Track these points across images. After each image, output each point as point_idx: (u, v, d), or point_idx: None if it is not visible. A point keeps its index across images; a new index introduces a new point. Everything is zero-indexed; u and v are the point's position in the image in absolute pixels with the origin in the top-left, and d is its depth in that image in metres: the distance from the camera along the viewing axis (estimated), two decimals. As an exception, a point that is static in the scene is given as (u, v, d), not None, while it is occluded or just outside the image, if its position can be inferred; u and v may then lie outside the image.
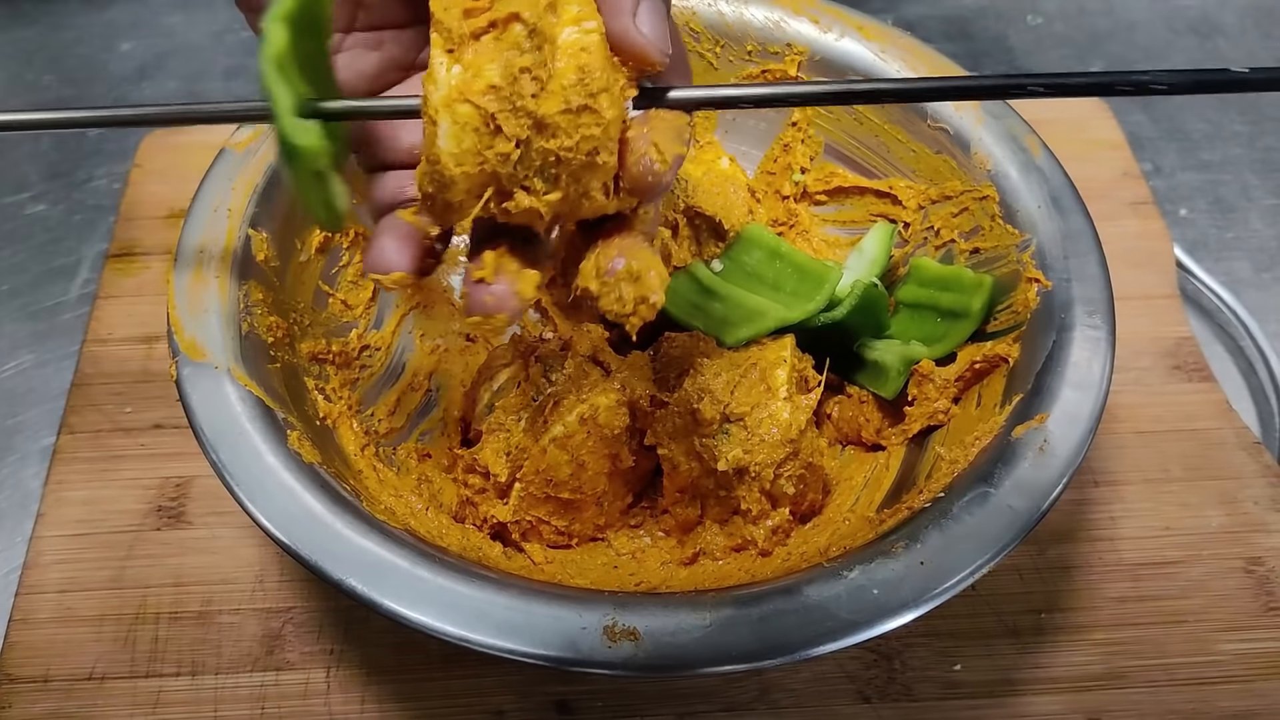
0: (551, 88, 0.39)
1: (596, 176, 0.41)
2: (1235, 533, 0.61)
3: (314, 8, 0.42)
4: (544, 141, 0.40)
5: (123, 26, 0.97)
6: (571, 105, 0.39)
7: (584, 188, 0.41)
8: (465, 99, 0.40)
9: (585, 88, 0.39)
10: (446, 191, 0.41)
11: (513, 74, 0.39)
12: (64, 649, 0.56)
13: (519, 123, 0.40)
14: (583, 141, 0.40)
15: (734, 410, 0.54)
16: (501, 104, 0.40)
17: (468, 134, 0.40)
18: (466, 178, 0.41)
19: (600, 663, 0.41)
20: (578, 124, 0.40)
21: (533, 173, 0.41)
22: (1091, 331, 0.51)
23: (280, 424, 0.49)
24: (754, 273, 0.62)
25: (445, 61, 0.40)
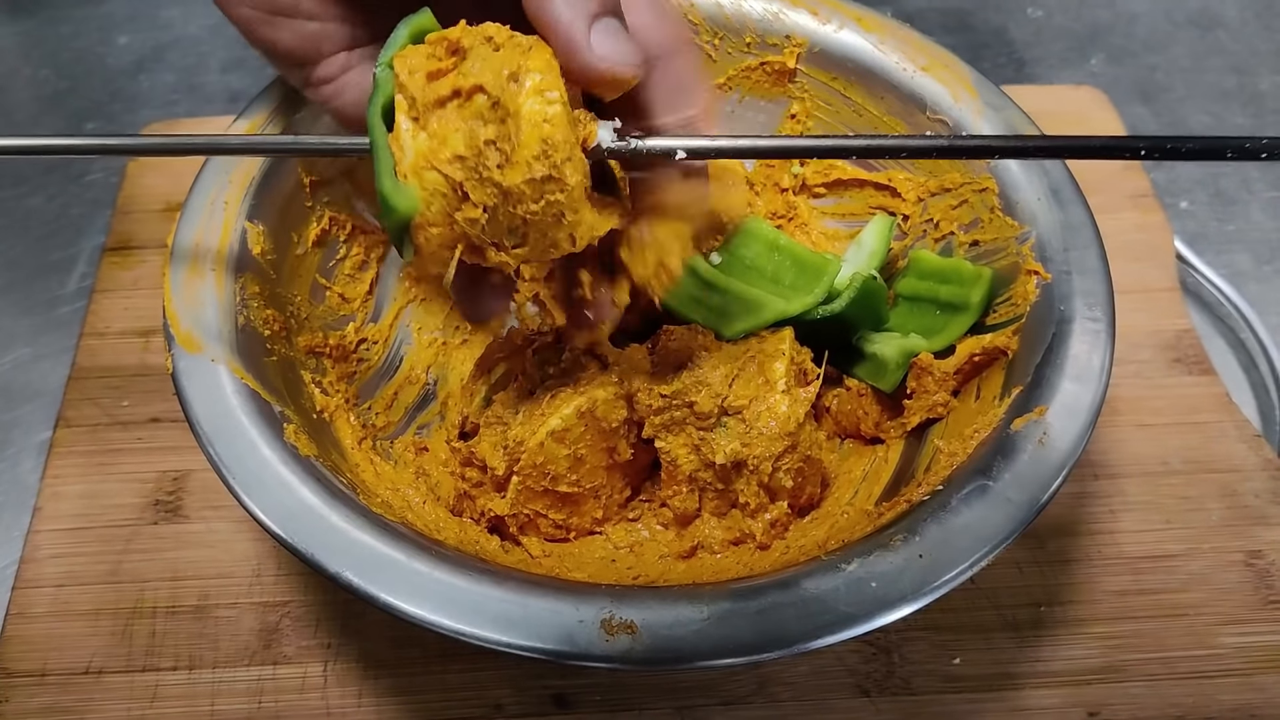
0: (515, 159, 0.40)
1: (562, 231, 0.43)
2: (1235, 526, 0.61)
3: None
4: (510, 208, 0.41)
5: (120, 19, 0.97)
6: (536, 176, 0.40)
7: (551, 241, 0.43)
8: (432, 166, 0.42)
9: (549, 159, 0.40)
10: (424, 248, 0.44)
11: (477, 145, 0.41)
12: (61, 643, 0.56)
13: (485, 191, 0.41)
14: (547, 207, 0.41)
15: (732, 403, 0.54)
16: (468, 173, 0.41)
17: (436, 198, 0.42)
18: (439, 235, 0.43)
19: (598, 656, 0.41)
20: (542, 191, 0.41)
21: (502, 234, 0.43)
22: (1091, 324, 0.51)
23: (277, 417, 0.48)
24: (752, 265, 0.62)
25: (410, 128, 0.42)
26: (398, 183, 0.42)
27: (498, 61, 0.41)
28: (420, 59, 0.43)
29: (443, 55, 0.43)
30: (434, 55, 0.43)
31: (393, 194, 0.42)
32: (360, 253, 0.62)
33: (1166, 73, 0.94)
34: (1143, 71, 0.94)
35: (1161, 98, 0.92)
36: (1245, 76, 0.94)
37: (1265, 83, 0.93)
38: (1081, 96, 0.83)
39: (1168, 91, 0.92)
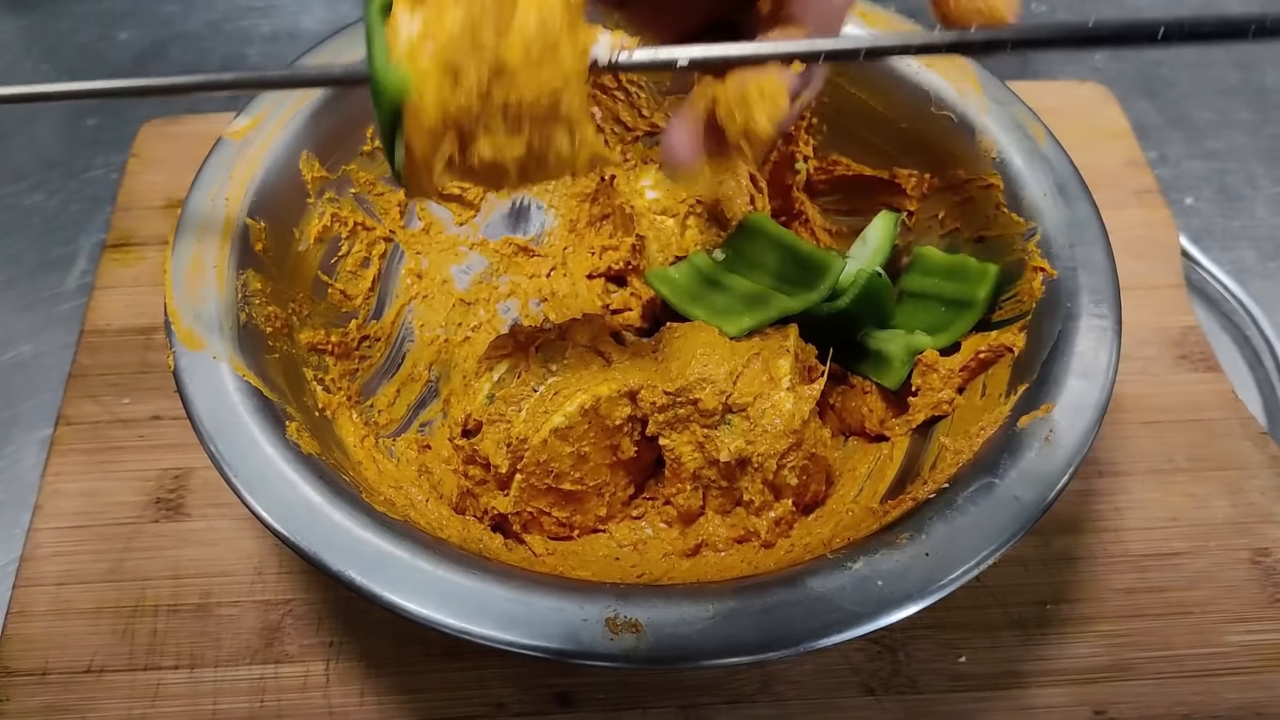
0: (512, 37, 0.40)
1: (561, 129, 0.42)
2: (1241, 523, 0.61)
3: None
4: (506, 93, 0.41)
5: (120, 15, 0.96)
6: (532, 53, 0.40)
7: (549, 139, 0.42)
8: (429, 48, 0.40)
9: (545, 35, 0.40)
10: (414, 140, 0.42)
11: (474, 22, 0.40)
12: (62, 642, 0.56)
13: (480, 67, 0.40)
14: (544, 94, 0.41)
15: (736, 400, 0.53)
16: (462, 50, 0.40)
17: (430, 81, 0.41)
18: (430, 122, 0.41)
19: (602, 655, 0.41)
20: (539, 77, 0.40)
21: (495, 122, 0.42)
22: (1097, 320, 0.51)
23: (279, 415, 0.48)
24: (757, 262, 0.62)
25: (407, 13, 0.41)
26: (390, 64, 0.41)
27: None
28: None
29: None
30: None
31: (384, 73, 0.41)
32: (362, 249, 0.62)
33: (1171, 68, 0.94)
34: (1147, 67, 0.94)
35: (1165, 93, 0.91)
36: (1249, 72, 0.93)
37: (1270, 78, 0.93)
38: (1085, 92, 0.82)
39: (1172, 87, 0.92)
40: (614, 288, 0.69)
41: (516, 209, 0.70)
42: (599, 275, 0.69)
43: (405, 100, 0.41)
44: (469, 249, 0.68)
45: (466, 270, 0.68)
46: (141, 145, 0.78)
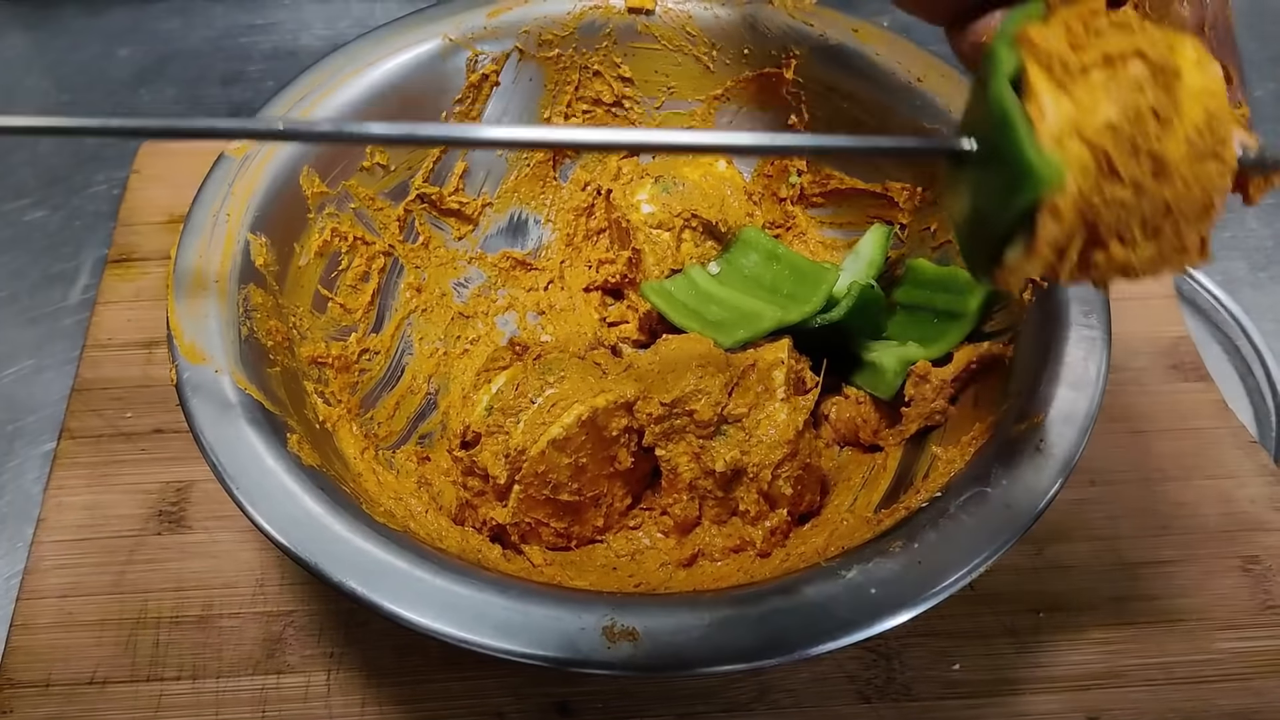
0: (1177, 131, 0.36)
1: (1200, 230, 0.38)
2: (1232, 532, 0.62)
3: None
4: (1160, 188, 0.37)
5: (121, 32, 0.97)
6: (1198, 150, 0.36)
7: (1182, 242, 0.38)
8: (1078, 136, 0.36)
9: (1214, 134, 0.36)
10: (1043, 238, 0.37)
11: (1136, 112, 0.36)
12: (65, 654, 0.56)
13: (1138, 166, 0.36)
14: (1202, 192, 0.37)
15: (732, 411, 0.54)
16: (1119, 144, 0.36)
17: (1077, 173, 0.36)
18: (1067, 223, 0.37)
19: (599, 663, 0.42)
20: (1200, 172, 0.37)
21: (1135, 222, 0.37)
22: (1087, 331, 0.52)
23: (280, 427, 0.49)
24: (751, 275, 0.63)
25: (1052, 94, 0.37)
26: (1041, 150, 0.36)
27: (1147, 34, 0.37)
28: (1055, 29, 0.38)
29: (1078, 27, 0.38)
30: (1068, 25, 0.38)
31: (1038, 162, 0.36)
32: (362, 264, 0.62)
33: (1161, 81, 0.94)
34: (1138, 80, 0.94)
35: (1156, 106, 0.92)
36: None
37: (1260, 90, 0.94)
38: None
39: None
40: (611, 300, 0.70)
41: (514, 223, 0.70)
42: (596, 288, 0.70)
43: (1049, 192, 0.36)
44: (467, 263, 0.69)
45: (465, 284, 0.68)
46: (143, 161, 0.78)
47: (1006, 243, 0.38)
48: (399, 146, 0.62)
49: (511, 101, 0.67)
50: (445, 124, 0.47)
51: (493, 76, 0.66)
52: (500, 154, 0.69)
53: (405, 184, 0.65)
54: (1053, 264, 0.38)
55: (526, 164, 0.69)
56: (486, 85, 0.66)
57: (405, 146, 0.62)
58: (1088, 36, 0.37)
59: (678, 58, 0.67)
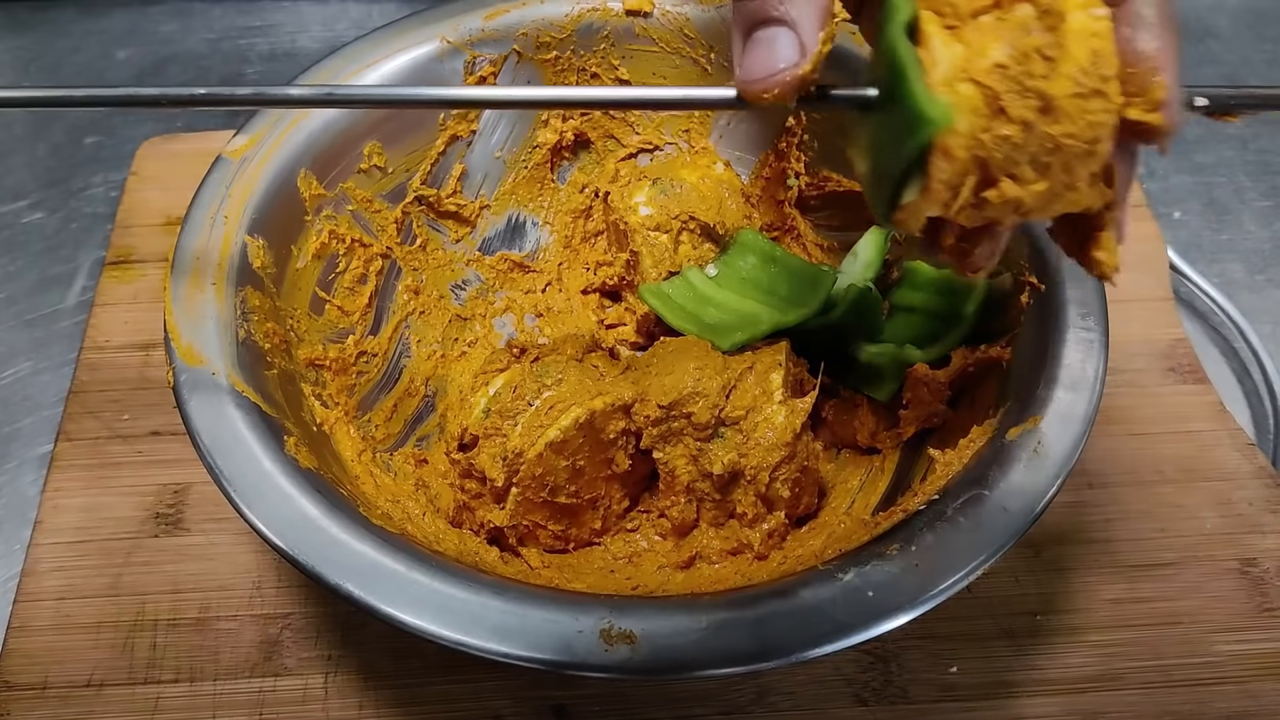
0: (1063, 69, 0.37)
1: (1088, 167, 0.39)
2: (1230, 534, 0.62)
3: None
4: (1048, 126, 0.38)
5: (120, 34, 0.97)
6: (1084, 88, 0.37)
7: (1072, 179, 0.40)
8: (968, 78, 0.38)
9: (1098, 70, 0.38)
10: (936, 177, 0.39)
11: (1023, 51, 0.37)
12: (62, 656, 0.56)
13: (1025, 104, 0.38)
14: (1088, 128, 0.38)
15: (729, 414, 0.54)
16: (1008, 84, 0.38)
17: (966, 114, 0.38)
18: (958, 162, 0.38)
19: (597, 665, 0.42)
20: (1085, 110, 0.38)
21: (1025, 160, 0.39)
22: (1085, 333, 0.52)
23: (277, 429, 0.49)
24: (749, 277, 0.63)
25: (943, 38, 0.38)
26: (930, 93, 0.37)
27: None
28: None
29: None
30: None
31: (926, 103, 0.37)
32: (359, 266, 0.62)
33: (1159, 84, 0.94)
34: (1135, 82, 0.95)
35: (1154, 108, 0.92)
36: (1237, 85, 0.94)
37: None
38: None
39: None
40: (608, 303, 0.70)
41: (512, 226, 0.70)
42: (594, 291, 0.70)
43: (941, 132, 0.38)
44: (465, 265, 0.69)
45: (463, 286, 0.68)
46: (140, 163, 0.78)
47: (904, 184, 0.39)
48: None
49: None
50: (367, 88, 0.45)
51: (490, 79, 0.66)
52: (498, 155, 0.69)
53: (403, 186, 0.65)
54: (948, 203, 0.39)
55: (524, 166, 0.69)
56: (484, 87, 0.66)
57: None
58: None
59: (675, 60, 0.67)
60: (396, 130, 0.64)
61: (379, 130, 0.63)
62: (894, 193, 0.40)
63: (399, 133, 0.64)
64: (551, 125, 0.69)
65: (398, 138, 0.64)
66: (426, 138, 0.65)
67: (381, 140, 0.63)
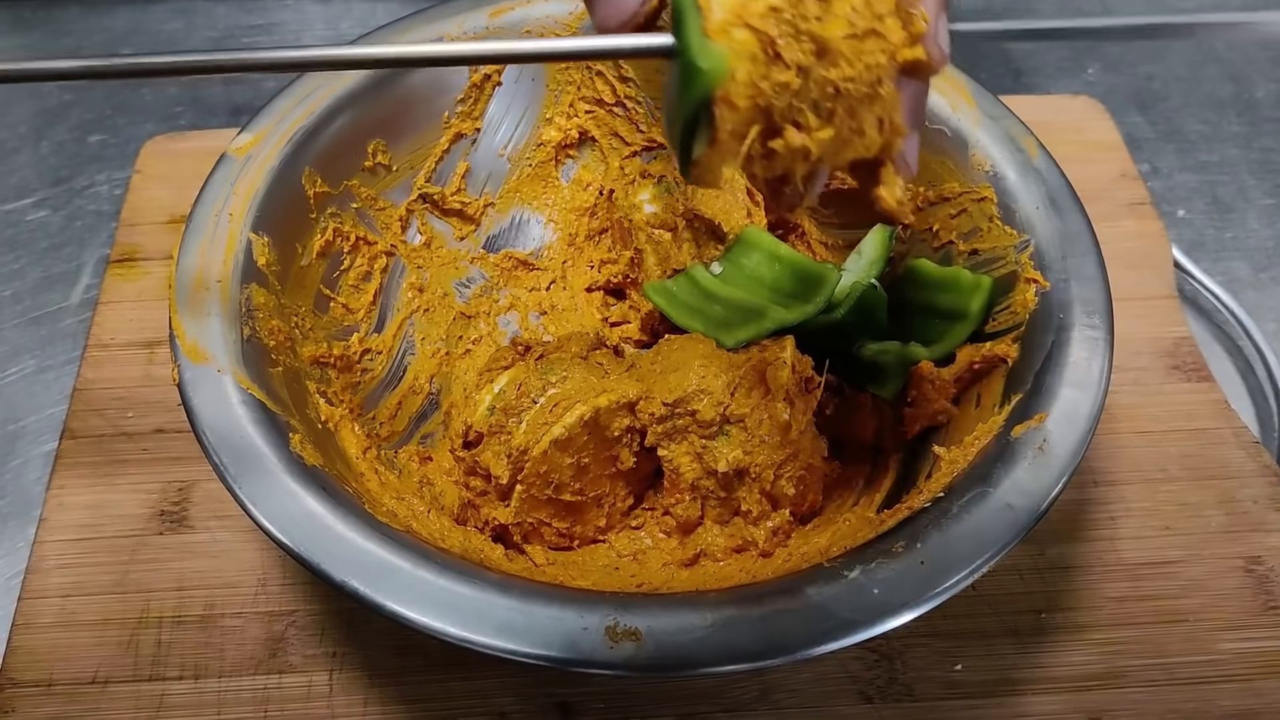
0: (835, 10, 0.37)
1: (873, 110, 0.39)
2: (1234, 532, 0.62)
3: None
4: (825, 70, 0.37)
5: (123, 33, 0.97)
6: (857, 29, 0.37)
7: (858, 124, 0.39)
8: (743, 23, 0.37)
9: (872, 10, 0.37)
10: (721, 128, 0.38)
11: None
12: (67, 653, 0.56)
13: (800, 48, 0.37)
14: (866, 71, 0.38)
15: (734, 412, 0.54)
16: (782, 27, 0.37)
17: (744, 61, 0.37)
18: (741, 110, 0.38)
19: (602, 663, 0.42)
20: (861, 50, 0.37)
21: (807, 106, 0.38)
22: (1090, 331, 0.52)
23: (282, 427, 0.49)
24: (753, 275, 0.63)
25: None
26: (705, 40, 0.37)
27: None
28: None
29: None
30: None
31: (700, 51, 0.37)
32: (364, 264, 0.63)
33: (1163, 81, 0.95)
34: (1139, 81, 0.95)
35: (1158, 106, 0.92)
36: (1240, 85, 0.94)
37: (1261, 90, 0.94)
38: (1078, 106, 0.83)
39: (1164, 100, 0.93)
40: (613, 301, 0.70)
41: (516, 224, 0.70)
42: (598, 288, 0.70)
43: (719, 81, 0.37)
44: (469, 263, 0.69)
45: (467, 284, 0.68)
46: (145, 161, 0.78)
47: (693, 137, 0.39)
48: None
49: (514, 101, 0.68)
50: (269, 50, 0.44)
51: (495, 76, 0.66)
52: (502, 153, 0.69)
53: (407, 184, 0.65)
54: (738, 154, 0.39)
55: (529, 164, 0.69)
56: (489, 85, 0.66)
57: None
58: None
59: (680, 57, 0.67)
60: (401, 128, 0.64)
61: (383, 128, 0.63)
62: (685, 145, 0.39)
63: (403, 130, 0.64)
64: (556, 123, 0.69)
65: (402, 135, 0.64)
66: (431, 135, 0.65)
67: (386, 138, 0.63)
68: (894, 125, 0.40)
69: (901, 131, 0.41)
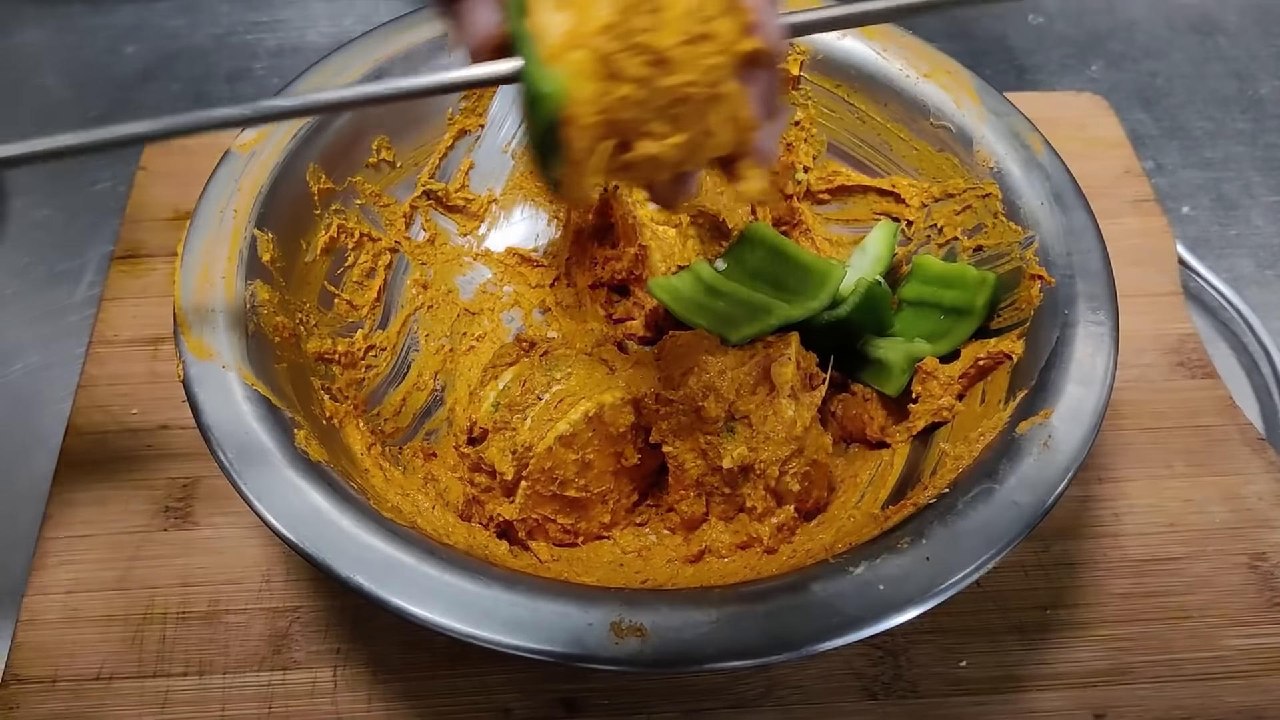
0: (666, 18, 0.37)
1: (720, 111, 0.39)
2: (1239, 528, 0.61)
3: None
4: (665, 78, 0.38)
5: (127, 29, 0.97)
6: (690, 34, 0.38)
7: (707, 125, 0.40)
8: (578, 44, 0.38)
9: (701, 13, 0.38)
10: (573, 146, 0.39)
11: (627, 7, 0.38)
12: (71, 649, 0.56)
13: (637, 61, 0.38)
14: (705, 74, 0.38)
15: (739, 408, 0.54)
16: (617, 43, 0.38)
17: (584, 80, 0.38)
18: (589, 127, 0.38)
19: (607, 659, 0.42)
20: (697, 54, 0.38)
21: (654, 116, 0.39)
22: (1095, 327, 0.52)
23: (287, 423, 0.49)
24: (758, 271, 0.63)
25: (551, 5, 0.38)
26: (543, 67, 0.38)
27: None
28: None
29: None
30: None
31: (539, 78, 0.38)
32: (368, 260, 0.63)
33: (1167, 78, 0.94)
34: (1143, 77, 0.94)
35: (1162, 103, 0.92)
36: (1245, 81, 0.94)
37: (1265, 87, 0.93)
38: (1082, 102, 0.83)
39: (1168, 97, 0.93)
40: (617, 297, 0.69)
41: (520, 220, 0.70)
42: (602, 285, 0.70)
43: (562, 103, 0.38)
44: (473, 259, 0.69)
45: (471, 280, 0.68)
46: (149, 158, 0.78)
47: (549, 158, 0.39)
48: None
49: (517, 98, 0.67)
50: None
51: (499, 73, 0.66)
52: (506, 150, 0.69)
53: (411, 180, 0.65)
54: (597, 168, 0.39)
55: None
56: (492, 82, 0.66)
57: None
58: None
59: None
60: (404, 124, 0.64)
61: (387, 124, 0.63)
62: (545, 166, 0.40)
63: (407, 127, 0.64)
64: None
65: (406, 132, 0.64)
66: (435, 132, 0.65)
67: (389, 134, 0.63)
68: (744, 121, 0.41)
69: (753, 126, 0.41)
